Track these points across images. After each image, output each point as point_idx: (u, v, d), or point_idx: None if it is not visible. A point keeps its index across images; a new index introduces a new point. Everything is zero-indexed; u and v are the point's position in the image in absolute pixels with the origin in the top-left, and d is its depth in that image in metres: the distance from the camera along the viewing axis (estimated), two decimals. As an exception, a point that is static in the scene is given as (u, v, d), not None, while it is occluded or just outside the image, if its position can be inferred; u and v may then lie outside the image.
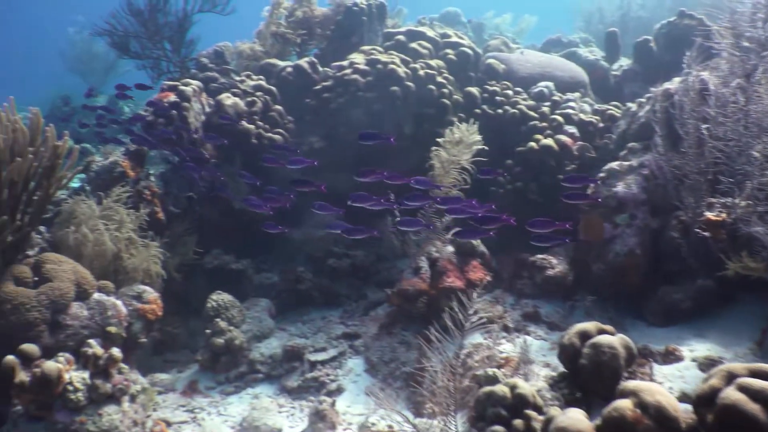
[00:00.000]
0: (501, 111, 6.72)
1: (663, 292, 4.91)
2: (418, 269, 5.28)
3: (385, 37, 7.73)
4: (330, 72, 7.02)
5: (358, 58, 6.91)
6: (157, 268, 5.17)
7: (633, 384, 2.61)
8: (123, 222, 5.10)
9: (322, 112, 6.78)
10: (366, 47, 7.28)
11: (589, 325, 3.39)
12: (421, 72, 6.68)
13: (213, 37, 8.74)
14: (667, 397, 2.51)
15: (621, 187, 5.16)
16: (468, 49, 7.36)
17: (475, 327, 3.75)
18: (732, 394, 2.27)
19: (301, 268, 6.27)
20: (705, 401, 2.40)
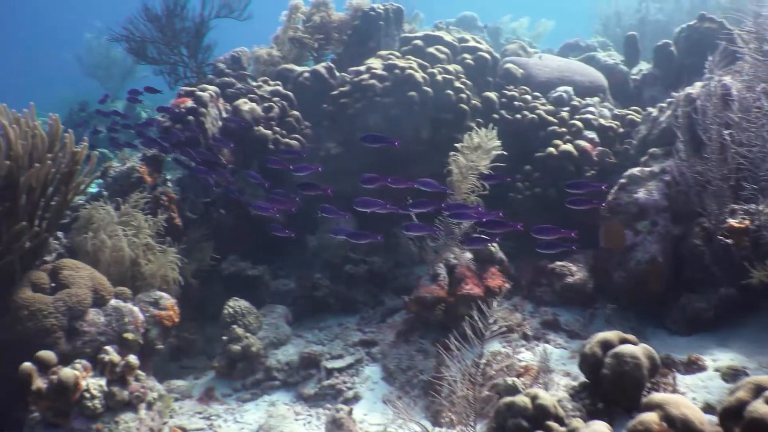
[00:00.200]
0: (519, 116, 6.66)
1: (685, 300, 4.85)
2: (436, 276, 5.23)
3: (403, 42, 7.70)
4: (347, 77, 7.00)
5: (376, 63, 6.89)
6: (174, 274, 5.16)
7: (659, 397, 2.57)
8: (141, 228, 5.10)
9: (339, 117, 6.75)
10: (383, 52, 7.25)
11: (611, 335, 3.35)
12: (438, 77, 6.64)
13: (230, 43, 8.75)
14: (693, 410, 2.46)
15: (642, 194, 5.09)
16: (486, 54, 7.32)
17: (494, 335, 3.71)
18: (760, 408, 2.23)
19: (318, 274, 6.24)
20: (732, 414, 2.36)
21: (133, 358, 4.10)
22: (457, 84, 6.70)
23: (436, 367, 4.78)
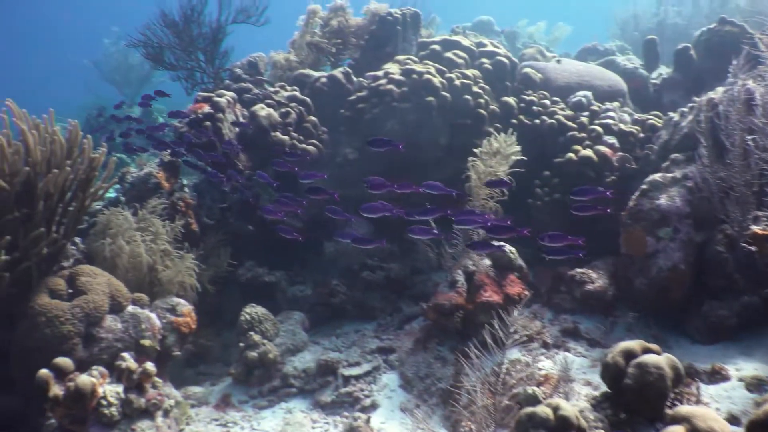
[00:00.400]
0: (538, 121, 6.60)
1: (707, 308, 4.77)
2: (455, 283, 5.18)
3: (420, 47, 7.67)
4: (364, 82, 6.97)
5: (393, 68, 6.85)
6: (191, 281, 5.16)
7: (685, 410, 2.52)
8: (158, 233, 5.09)
9: (356, 122, 6.72)
10: (401, 57, 7.22)
11: (634, 344, 3.30)
12: (456, 82, 6.60)
13: (246, 48, 8.76)
14: (720, 423, 2.41)
15: (664, 200, 5.02)
16: (504, 59, 7.27)
17: (515, 343, 3.66)
18: (792, 422, 2.17)
19: (335, 281, 6.20)
20: (759, 427, 2.30)
21: (150, 365, 4.09)
22: (476, 89, 6.66)
23: (454, 375, 4.74)
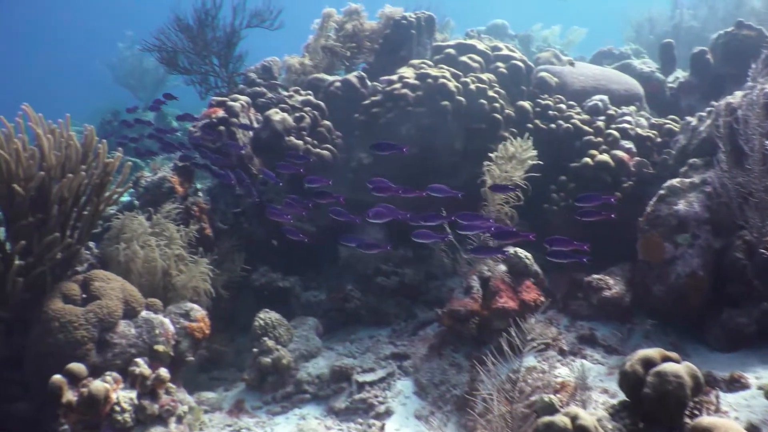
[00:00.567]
0: (554, 126, 6.55)
1: (726, 315, 4.70)
2: (470, 289, 5.13)
3: (435, 51, 7.62)
4: (379, 86, 6.95)
5: (408, 72, 6.82)
6: (206, 286, 5.14)
7: (707, 421, 2.48)
8: (173, 238, 5.08)
9: (371, 127, 6.68)
10: (415, 61, 7.18)
11: (653, 352, 3.24)
12: (472, 86, 6.55)
13: (261, 52, 8.75)
14: (744, 436, 2.36)
15: (682, 205, 4.96)
16: (519, 62, 7.21)
17: (531, 350, 3.62)
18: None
19: (350, 286, 6.17)
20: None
21: (164, 372, 4.07)
22: (491, 93, 6.61)
23: (469, 383, 4.70)
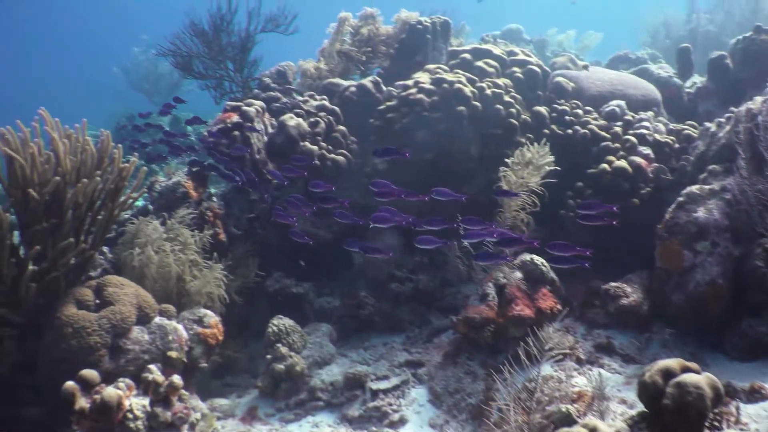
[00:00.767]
0: (571, 131, 6.48)
1: (746, 324, 4.62)
2: (485, 296, 5.07)
3: (450, 56, 7.58)
4: (394, 91, 6.91)
5: (423, 77, 6.78)
6: (219, 291, 5.11)
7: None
8: (187, 244, 5.06)
9: (386, 132, 6.64)
10: (431, 66, 7.14)
11: (672, 362, 3.18)
12: (488, 91, 6.50)
13: (276, 57, 8.73)
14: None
15: (702, 213, 4.88)
16: (536, 67, 7.16)
17: (547, 359, 3.57)
18: None
19: (363, 292, 6.12)
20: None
21: (177, 379, 4.03)
22: (507, 98, 6.56)
23: (485, 391, 4.64)
